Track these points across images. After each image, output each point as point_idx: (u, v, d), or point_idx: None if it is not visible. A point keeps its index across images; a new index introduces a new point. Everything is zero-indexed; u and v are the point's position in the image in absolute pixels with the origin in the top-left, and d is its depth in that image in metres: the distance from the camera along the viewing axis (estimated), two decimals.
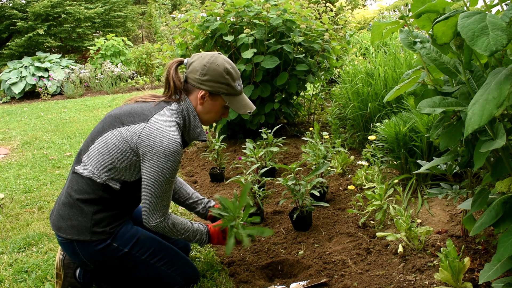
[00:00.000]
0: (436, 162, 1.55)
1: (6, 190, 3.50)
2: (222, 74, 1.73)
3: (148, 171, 1.64)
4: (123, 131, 1.68)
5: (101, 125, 1.76)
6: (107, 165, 1.68)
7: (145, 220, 1.72)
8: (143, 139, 1.63)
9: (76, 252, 1.74)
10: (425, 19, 1.30)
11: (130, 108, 1.75)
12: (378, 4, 10.31)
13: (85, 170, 1.71)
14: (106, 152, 1.68)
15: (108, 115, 1.79)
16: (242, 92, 1.84)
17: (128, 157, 1.67)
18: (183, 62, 1.82)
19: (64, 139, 5.21)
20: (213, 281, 1.94)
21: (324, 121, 4.42)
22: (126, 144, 1.66)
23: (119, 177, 1.70)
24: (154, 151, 1.62)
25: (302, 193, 2.29)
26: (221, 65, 1.74)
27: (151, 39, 15.34)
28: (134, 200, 1.85)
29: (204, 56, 1.76)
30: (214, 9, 3.75)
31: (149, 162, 1.63)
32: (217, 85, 1.74)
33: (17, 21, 11.09)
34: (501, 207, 1.26)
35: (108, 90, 9.45)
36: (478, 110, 0.99)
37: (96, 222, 1.70)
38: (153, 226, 1.72)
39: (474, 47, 0.96)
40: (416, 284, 1.70)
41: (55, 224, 1.76)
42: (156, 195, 1.67)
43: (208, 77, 1.73)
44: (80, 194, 1.70)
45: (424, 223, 2.17)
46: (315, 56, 3.94)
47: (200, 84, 1.74)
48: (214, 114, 1.82)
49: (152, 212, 1.69)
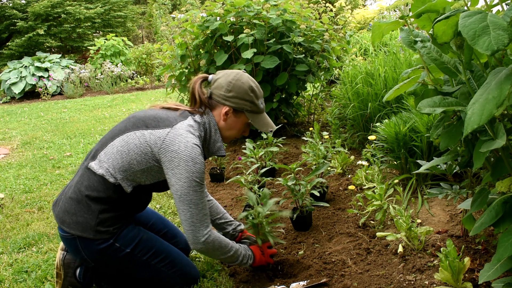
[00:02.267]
0: (436, 162, 1.55)
1: (6, 190, 3.50)
2: (247, 91, 1.76)
3: (178, 179, 1.63)
4: (147, 134, 1.68)
5: (124, 125, 1.76)
6: (124, 165, 1.68)
7: (193, 239, 1.67)
8: (168, 144, 1.64)
9: (78, 249, 1.74)
10: (425, 19, 1.29)
11: (155, 113, 1.76)
12: (378, 4, 10.31)
13: (100, 168, 1.70)
14: (125, 152, 1.68)
15: (132, 116, 1.79)
16: (264, 110, 1.86)
17: (147, 160, 1.67)
18: (207, 78, 1.84)
19: (64, 139, 5.21)
20: (213, 281, 1.94)
21: (324, 121, 4.42)
22: (148, 148, 1.67)
23: (134, 179, 1.70)
24: (180, 156, 1.62)
25: (302, 193, 2.29)
26: (246, 82, 1.76)
27: (151, 39, 15.34)
28: (141, 204, 1.87)
29: (229, 73, 1.78)
30: (214, 9, 3.75)
31: (177, 168, 1.62)
32: (241, 102, 1.76)
33: (17, 21, 11.09)
34: (501, 207, 1.26)
35: (108, 90, 9.45)
36: (478, 110, 0.99)
37: (101, 221, 1.70)
38: (203, 241, 1.67)
39: (475, 46, 0.96)
40: (416, 284, 1.70)
41: (59, 217, 1.75)
42: (195, 204, 1.65)
43: (233, 93, 1.75)
44: (90, 191, 1.70)
45: (424, 223, 2.17)
46: (315, 56, 3.94)
47: (225, 100, 1.76)
48: (235, 131, 1.84)
49: (196, 226, 1.66)
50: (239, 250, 1.83)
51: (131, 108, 7.16)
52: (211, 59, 3.75)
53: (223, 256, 1.78)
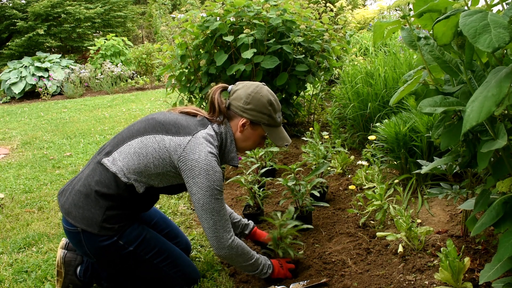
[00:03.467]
0: (437, 163, 1.55)
1: (6, 190, 3.50)
2: (265, 104, 1.76)
3: (200, 188, 1.63)
4: (167, 140, 1.68)
5: (143, 126, 1.76)
6: (140, 167, 1.68)
7: (218, 245, 1.69)
8: (188, 152, 1.64)
9: (82, 243, 1.74)
10: (427, 18, 1.29)
11: (175, 118, 1.76)
12: (378, 4, 10.30)
13: (114, 166, 1.70)
14: (143, 154, 1.68)
15: (151, 118, 1.79)
16: (281, 124, 1.86)
17: (164, 166, 1.68)
18: (227, 88, 1.84)
19: (64, 139, 5.21)
20: (213, 281, 1.94)
21: (324, 121, 4.42)
22: (167, 153, 1.67)
23: (147, 181, 1.71)
24: (201, 165, 1.62)
25: (302, 193, 2.29)
26: (265, 96, 1.76)
27: (151, 39, 15.34)
28: (149, 204, 1.87)
29: (249, 86, 1.79)
30: (214, 9, 3.75)
31: (198, 177, 1.63)
32: (259, 115, 1.76)
33: (17, 21, 11.09)
34: (501, 207, 1.25)
35: (108, 90, 9.45)
36: (477, 107, 0.99)
37: (108, 217, 1.70)
38: (228, 246, 1.69)
39: (476, 44, 0.96)
40: (416, 284, 1.70)
41: (65, 208, 1.75)
42: (217, 211, 1.66)
43: (251, 106, 1.75)
44: (100, 187, 1.70)
45: (424, 223, 2.17)
46: (315, 56, 3.94)
47: (242, 112, 1.76)
48: (251, 143, 1.84)
49: (220, 232, 1.68)
50: (259, 259, 1.83)
51: (131, 108, 7.16)
52: (211, 59, 3.74)
53: (245, 263, 1.77)
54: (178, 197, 3.00)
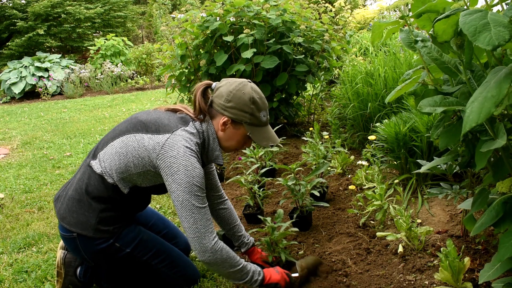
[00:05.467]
0: (436, 162, 1.55)
1: (6, 190, 3.50)
2: (247, 103, 1.67)
3: (179, 184, 1.58)
4: (146, 139, 1.65)
5: (125, 126, 1.74)
6: (121, 166, 1.67)
7: (200, 247, 1.60)
8: (166, 149, 1.60)
9: (78, 249, 1.74)
10: (425, 19, 1.29)
11: (157, 116, 1.72)
12: (378, 4, 10.30)
13: (100, 167, 1.69)
14: (123, 154, 1.67)
15: (134, 117, 1.77)
16: (267, 123, 1.77)
17: (144, 165, 1.65)
18: (211, 85, 1.78)
19: (64, 139, 5.21)
20: (213, 281, 1.94)
21: (324, 121, 4.41)
22: (145, 152, 1.64)
23: (131, 180, 1.69)
24: (179, 161, 1.58)
25: (302, 193, 2.29)
26: (247, 93, 1.68)
27: (151, 39, 15.33)
28: (140, 205, 1.86)
29: (232, 83, 1.72)
30: (214, 9, 3.75)
31: (176, 174, 1.58)
32: (240, 113, 1.68)
33: (17, 21, 11.09)
34: (501, 207, 1.25)
35: (108, 90, 9.45)
36: (476, 108, 0.99)
37: (102, 219, 1.70)
38: (211, 248, 1.61)
39: (476, 42, 0.95)
40: (416, 284, 1.70)
41: (60, 213, 1.75)
42: (197, 208, 1.60)
43: (232, 104, 1.67)
44: (90, 190, 1.70)
45: (424, 223, 2.17)
46: (315, 57, 3.94)
47: (223, 110, 1.69)
48: (235, 143, 1.76)
49: (201, 232, 1.60)
50: (248, 266, 1.72)
51: (131, 108, 7.16)
52: (211, 59, 3.74)
53: (231, 269, 1.67)
54: None
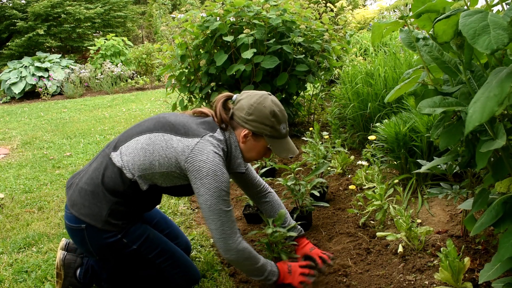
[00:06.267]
0: (436, 162, 1.55)
1: (6, 190, 3.50)
2: (268, 116, 1.70)
3: (208, 189, 1.62)
4: (175, 140, 1.67)
5: (153, 124, 1.75)
6: (145, 163, 1.67)
7: (225, 247, 1.66)
8: (196, 153, 1.62)
9: (85, 241, 1.73)
10: (425, 19, 1.29)
11: (186, 120, 1.74)
12: (378, 4, 10.30)
13: (120, 160, 1.69)
14: (150, 151, 1.67)
15: (162, 117, 1.78)
16: (287, 135, 1.80)
17: (169, 165, 1.66)
18: (231, 97, 1.81)
19: (64, 139, 5.21)
20: (213, 281, 1.94)
21: (324, 121, 4.42)
22: (173, 153, 1.65)
23: (151, 179, 1.70)
24: (209, 166, 1.61)
25: (302, 193, 2.29)
26: (268, 106, 1.71)
27: (151, 39, 15.33)
28: (152, 203, 1.87)
29: (253, 96, 1.74)
30: (214, 9, 3.75)
31: (206, 178, 1.61)
32: (261, 126, 1.71)
33: (17, 21, 11.09)
34: (501, 207, 1.26)
35: (108, 90, 9.44)
36: (479, 108, 0.99)
37: (113, 212, 1.70)
38: (235, 248, 1.66)
39: (475, 45, 0.96)
40: (416, 284, 1.70)
41: (72, 200, 1.75)
42: (224, 212, 1.65)
43: (253, 117, 1.71)
44: (107, 181, 1.70)
45: (424, 223, 2.17)
46: (315, 56, 3.94)
47: (244, 123, 1.72)
48: (255, 154, 1.80)
49: (227, 233, 1.66)
50: (266, 264, 1.77)
51: (131, 108, 7.16)
52: (211, 59, 3.74)
53: (252, 267, 1.73)
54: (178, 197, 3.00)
